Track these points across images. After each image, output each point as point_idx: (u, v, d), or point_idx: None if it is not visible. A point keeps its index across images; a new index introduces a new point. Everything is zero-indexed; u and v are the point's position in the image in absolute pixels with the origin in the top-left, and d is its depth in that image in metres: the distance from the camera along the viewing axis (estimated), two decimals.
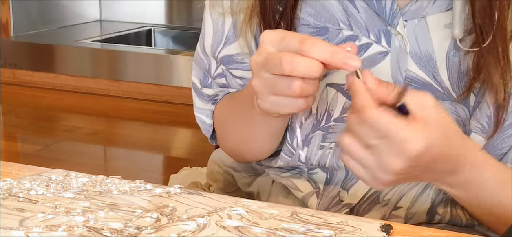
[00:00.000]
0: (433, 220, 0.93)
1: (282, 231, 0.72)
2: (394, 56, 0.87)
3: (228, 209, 0.76)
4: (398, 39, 0.87)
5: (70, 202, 0.78)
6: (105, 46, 3.73)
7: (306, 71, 0.74)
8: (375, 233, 0.72)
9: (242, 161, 1.04)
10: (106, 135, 3.12)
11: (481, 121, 0.86)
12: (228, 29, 0.95)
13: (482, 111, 0.85)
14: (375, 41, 0.88)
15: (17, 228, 0.71)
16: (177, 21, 4.10)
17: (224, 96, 1.00)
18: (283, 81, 0.76)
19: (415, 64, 0.86)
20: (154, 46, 4.05)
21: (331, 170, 0.94)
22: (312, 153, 0.92)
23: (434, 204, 0.92)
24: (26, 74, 3.71)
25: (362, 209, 0.93)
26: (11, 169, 0.89)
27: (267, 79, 0.77)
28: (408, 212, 0.92)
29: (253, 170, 1.05)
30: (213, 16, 0.96)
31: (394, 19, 0.86)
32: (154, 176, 2.62)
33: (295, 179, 0.96)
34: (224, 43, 0.95)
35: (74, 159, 2.79)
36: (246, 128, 0.94)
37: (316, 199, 0.95)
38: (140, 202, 0.78)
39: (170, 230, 0.71)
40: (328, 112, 0.90)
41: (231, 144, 1.01)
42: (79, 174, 0.87)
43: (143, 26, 4.07)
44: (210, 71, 0.99)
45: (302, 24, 0.90)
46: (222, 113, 1.00)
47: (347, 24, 0.88)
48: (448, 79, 0.86)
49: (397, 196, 0.92)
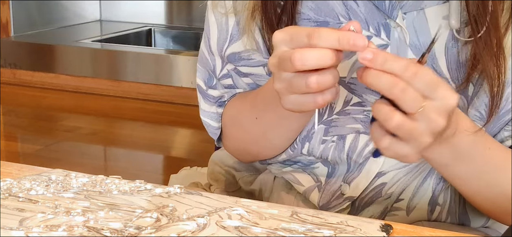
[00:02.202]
0: (434, 210, 0.93)
1: (282, 231, 0.72)
2: (394, 49, 0.88)
3: (228, 209, 0.76)
4: (397, 31, 0.88)
5: (70, 202, 0.78)
6: (105, 46, 3.73)
7: (318, 62, 0.75)
8: (375, 233, 0.72)
9: (247, 161, 1.04)
10: (106, 135, 3.13)
11: (480, 110, 0.87)
12: (232, 27, 0.95)
13: (480, 99, 0.87)
14: (374, 34, 0.88)
15: (17, 228, 0.71)
16: (177, 21, 4.10)
17: (234, 96, 0.99)
18: (300, 79, 0.76)
19: (415, 55, 0.87)
20: (154, 46, 4.05)
21: (333, 164, 0.94)
22: (314, 147, 0.93)
23: (435, 194, 0.92)
24: (26, 74, 3.71)
25: (364, 202, 0.94)
26: (11, 169, 0.89)
27: (285, 79, 0.78)
28: (409, 204, 0.93)
29: (255, 169, 1.05)
30: (216, 16, 0.96)
31: (393, 12, 0.87)
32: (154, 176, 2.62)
33: (297, 174, 0.97)
34: (229, 41, 0.95)
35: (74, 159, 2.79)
36: (266, 127, 0.94)
37: (318, 193, 0.95)
38: (140, 202, 0.78)
39: (170, 230, 0.71)
40: (330, 105, 0.91)
41: (239, 145, 1.00)
42: (79, 174, 0.87)
43: (143, 26, 4.07)
44: (215, 71, 0.99)
45: (303, 18, 0.91)
46: (235, 114, 0.99)
47: (347, 18, 0.89)
48: (447, 69, 0.87)
49: (400, 188, 0.92)
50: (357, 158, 0.92)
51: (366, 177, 0.92)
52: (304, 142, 0.93)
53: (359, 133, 0.91)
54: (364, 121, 0.90)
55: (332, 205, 0.95)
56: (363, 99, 0.90)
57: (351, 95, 0.90)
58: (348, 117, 0.91)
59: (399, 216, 0.94)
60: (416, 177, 0.92)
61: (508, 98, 0.87)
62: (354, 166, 0.93)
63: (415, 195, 0.93)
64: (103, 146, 3.03)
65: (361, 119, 0.90)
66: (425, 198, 0.93)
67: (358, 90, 0.90)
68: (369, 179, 0.92)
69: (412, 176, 0.92)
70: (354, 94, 0.90)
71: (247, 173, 1.05)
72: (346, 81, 0.90)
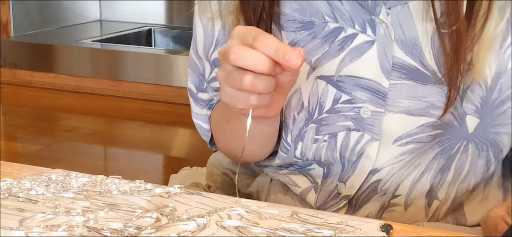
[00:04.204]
0: (431, 203, 0.93)
1: (282, 231, 0.72)
2: (380, 44, 0.89)
3: (228, 209, 0.76)
4: (382, 27, 0.89)
5: (70, 202, 0.78)
6: (105, 46, 3.72)
7: (252, 64, 0.76)
8: (375, 233, 0.72)
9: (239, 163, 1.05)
10: (106, 135, 3.12)
11: (475, 103, 0.88)
12: (218, 31, 0.96)
13: (475, 92, 0.87)
14: (360, 31, 0.89)
15: (17, 228, 0.71)
16: (177, 21, 4.10)
17: (219, 100, 1.00)
18: (238, 74, 0.77)
19: (401, 50, 0.88)
20: (154, 46, 4.05)
21: (328, 165, 0.94)
22: (307, 147, 0.93)
23: (433, 188, 0.93)
24: (26, 74, 3.71)
25: (361, 200, 0.94)
26: (11, 169, 0.89)
27: (226, 70, 0.79)
28: (407, 199, 0.94)
29: (252, 171, 1.05)
30: (202, 21, 0.97)
31: (376, 8, 0.88)
32: (154, 176, 2.62)
33: (293, 175, 0.97)
34: (215, 45, 0.97)
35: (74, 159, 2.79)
36: (236, 132, 0.95)
37: (315, 193, 0.96)
38: (140, 202, 0.78)
39: (170, 230, 0.71)
40: (319, 104, 0.91)
41: (228, 147, 1.01)
42: (79, 174, 0.87)
43: (143, 26, 4.07)
44: (204, 74, 1.00)
45: (288, 19, 0.92)
46: (217, 117, 1.01)
47: (332, 16, 0.90)
48: (434, 62, 0.88)
49: (395, 184, 0.93)
50: (350, 156, 0.92)
51: (361, 175, 0.93)
52: (297, 142, 0.94)
53: (350, 130, 0.91)
54: (355, 118, 0.91)
55: (329, 205, 0.95)
56: (352, 96, 0.90)
57: (340, 93, 0.91)
58: (338, 115, 0.91)
59: (397, 211, 0.94)
60: (412, 172, 0.92)
61: (501, 89, 0.87)
62: (348, 165, 0.93)
63: (413, 190, 0.93)
64: (103, 146, 3.02)
65: (351, 116, 0.91)
66: (422, 193, 0.93)
67: (346, 88, 0.90)
68: (363, 176, 0.93)
69: (406, 171, 0.92)
70: (343, 92, 0.90)
71: (245, 176, 1.06)
72: (334, 80, 0.90)
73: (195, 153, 2.78)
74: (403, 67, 0.88)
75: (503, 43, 0.86)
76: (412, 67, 0.88)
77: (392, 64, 0.88)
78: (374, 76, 0.89)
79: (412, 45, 0.88)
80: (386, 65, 0.88)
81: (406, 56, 0.88)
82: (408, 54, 0.88)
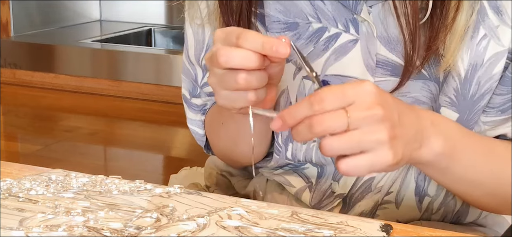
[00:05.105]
0: (423, 200, 0.94)
1: (282, 231, 0.72)
2: (364, 43, 0.89)
3: (228, 209, 0.76)
4: (365, 25, 0.89)
5: (70, 202, 0.78)
6: (105, 46, 3.72)
7: (241, 62, 0.76)
8: (375, 233, 0.72)
9: (234, 166, 1.06)
10: (106, 135, 3.12)
11: (449, 95, 0.88)
12: (208, 37, 0.98)
13: (449, 84, 0.88)
14: (343, 31, 0.90)
15: (17, 228, 0.71)
16: (177, 21, 4.10)
17: (212, 104, 1.01)
18: (230, 75, 0.77)
19: (384, 47, 0.89)
20: (154, 46, 4.05)
21: (321, 165, 0.95)
22: (297, 148, 0.94)
23: (419, 184, 0.93)
24: (26, 74, 3.71)
25: (355, 197, 0.95)
26: (11, 169, 0.89)
27: (217, 74, 0.79)
28: (397, 196, 0.94)
29: (248, 173, 1.06)
30: (193, 27, 0.98)
31: (357, 7, 0.89)
32: (154, 176, 2.62)
33: (288, 175, 0.98)
34: (206, 50, 0.98)
35: (74, 159, 2.79)
36: (231, 134, 0.95)
37: (309, 193, 0.96)
38: (140, 202, 0.78)
39: (170, 230, 0.71)
40: None
41: (223, 151, 1.02)
42: (79, 174, 0.87)
43: (143, 26, 4.07)
44: (197, 80, 1.01)
45: (273, 21, 0.92)
46: (210, 122, 1.02)
47: (316, 17, 0.90)
48: (417, 56, 0.87)
49: (390, 181, 0.93)
50: None
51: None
52: (287, 143, 0.94)
53: None
54: None
55: (324, 204, 0.96)
56: None
57: None
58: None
59: (389, 209, 0.94)
60: (402, 170, 0.93)
61: (479, 82, 0.87)
62: None
63: (402, 186, 0.94)
64: (103, 146, 3.02)
65: None
66: (411, 189, 0.93)
67: None
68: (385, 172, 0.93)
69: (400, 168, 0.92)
70: None
71: (241, 178, 1.07)
72: (320, 79, 0.90)
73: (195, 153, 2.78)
74: (387, 64, 0.89)
75: (475, 34, 0.85)
76: (395, 63, 0.88)
77: (376, 62, 0.89)
78: (359, 74, 0.89)
79: (395, 42, 0.88)
80: (370, 62, 0.89)
81: (389, 53, 0.88)
82: (391, 50, 0.88)
